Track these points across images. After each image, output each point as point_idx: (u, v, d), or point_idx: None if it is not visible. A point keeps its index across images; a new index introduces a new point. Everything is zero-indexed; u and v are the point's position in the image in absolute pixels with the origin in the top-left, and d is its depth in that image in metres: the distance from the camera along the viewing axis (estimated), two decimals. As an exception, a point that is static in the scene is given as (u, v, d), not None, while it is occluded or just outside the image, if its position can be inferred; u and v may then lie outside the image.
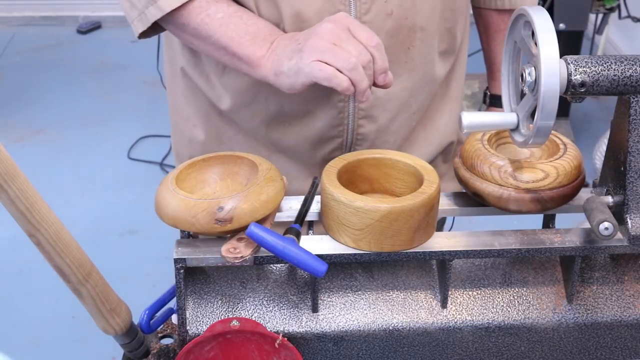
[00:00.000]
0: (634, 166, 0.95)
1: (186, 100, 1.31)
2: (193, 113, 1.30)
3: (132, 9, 1.12)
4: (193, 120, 1.30)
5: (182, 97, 1.31)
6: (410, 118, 1.25)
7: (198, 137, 1.30)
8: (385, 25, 1.13)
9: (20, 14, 4.90)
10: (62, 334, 2.47)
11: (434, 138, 1.32)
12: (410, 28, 1.15)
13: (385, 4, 1.12)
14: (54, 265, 0.92)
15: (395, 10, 1.13)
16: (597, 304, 1.02)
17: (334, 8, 1.10)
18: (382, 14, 1.12)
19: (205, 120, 1.29)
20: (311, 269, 0.90)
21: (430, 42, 1.19)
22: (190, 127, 1.31)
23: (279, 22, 1.12)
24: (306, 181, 1.23)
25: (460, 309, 1.01)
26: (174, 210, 0.94)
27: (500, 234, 0.99)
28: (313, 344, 0.99)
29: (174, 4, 1.08)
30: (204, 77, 1.24)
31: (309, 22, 1.10)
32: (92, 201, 3.15)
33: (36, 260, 1.04)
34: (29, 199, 0.86)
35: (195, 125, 1.30)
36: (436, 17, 1.18)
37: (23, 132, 3.67)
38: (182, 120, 1.33)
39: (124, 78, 4.18)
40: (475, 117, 0.96)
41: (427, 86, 1.23)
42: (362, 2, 1.11)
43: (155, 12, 1.10)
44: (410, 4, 1.14)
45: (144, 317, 1.02)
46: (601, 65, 0.90)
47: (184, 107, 1.32)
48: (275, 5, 1.11)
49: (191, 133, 1.32)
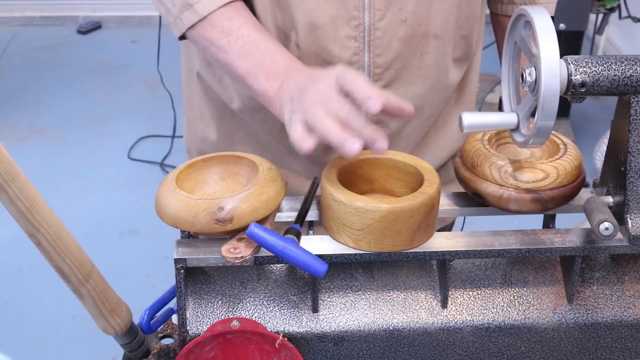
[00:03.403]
0: (634, 166, 0.95)
1: (200, 100, 1.31)
2: (207, 112, 1.30)
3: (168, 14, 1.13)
4: (206, 119, 1.31)
5: (196, 96, 1.32)
6: (423, 124, 1.25)
7: (210, 137, 1.31)
8: (399, 32, 1.13)
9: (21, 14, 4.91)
10: (62, 334, 2.47)
11: (446, 142, 1.31)
12: (424, 35, 1.15)
13: (399, 11, 1.11)
14: (54, 266, 0.92)
15: (410, 17, 1.12)
16: (597, 304, 1.02)
17: (348, 15, 1.10)
18: (396, 20, 1.12)
19: (218, 120, 1.29)
20: (311, 269, 0.90)
21: (444, 49, 1.18)
22: (203, 126, 1.32)
23: (292, 30, 1.12)
24: None
25: (460, 309, 1.01)
26: (174, 210, 0.94)
27: (500, 234, 0.99)
28: (313, 344, 0.99)
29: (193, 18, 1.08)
30: (217, 79, 1.24)
31: (323, 29, 1.10)
32: (92, 201, 3.15)
33: (36, 260, 1.04)
34: (29, 199, 0.86)
35: (208, 124, 1.31)
36: (451, 24, 1.17)
37: (23, 132, 3.67)
38: (196, 118, 1.34)
39: (124, 78, 4.19)
40: (475, 117, 0.96)
41: (441, 93, 1.23)
42: (376, 9, 1.11)
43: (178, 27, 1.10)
44: (425, 11, 1.13)
45: (144, 317, 1.02)
46: (601, 65, 0.90)
47: (198, 106, 1.32)
48: (289, 13, 1.11)
49: (204, 132, 1.32)
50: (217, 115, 1.29)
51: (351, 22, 1.11)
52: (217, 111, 1.29)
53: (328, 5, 1.10)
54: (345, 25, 1.11)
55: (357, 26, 1.11)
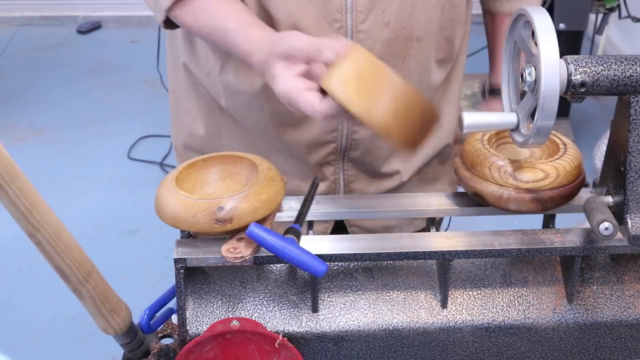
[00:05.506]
0: (634, 166, 0.95)
1: (187, 94, 1.31)
2: (194, 107, 1.30)
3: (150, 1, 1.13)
4: (193, 114, 1.30)
5: (183, 90, 1.32)
6: None
7: (198, 131, 1.30)
8: (381, 34, 1.13)
9: (20, 14, 4.90)
10: (62, 334, 2.47)
11: (431, 141, 1.31)
12: (407, 38, 1.15)
13: (382, 13, 1.12)
14: (54, 266, 0.92)
15: (393, 20, 1.12)
16: (597, 304, 1.02)
17: (330, 17, 1.11)
18: (379, 23, 1.12)
19: (206, 114, 1.29)
20: (311, 269, 0.90)
21: (427, 51, 1.19)
22: (190, 121, 1.32)
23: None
24: (303, 181, 1.23)
25: (460, 309, 1.01)
26: (174, 210, 0.94)
27: (500, 234, 0.99)
28: (313, 344, 0.99)
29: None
30: (205, 73, 1.24)
31: (305, 31, 1.10)
32: (92, 201, 3.15)
33: (36, 260, 1.04)
34: (29, 199, 0.86)
35: (195, 119, 1.30)
36: (434, 26, 1.17)
37: (23, 132, 3.67)
38: (182, 113, 1.33)
39: (124, 78, 4.18)
40: (475, 117, 0.96)
41: (424, 93, 1.23)
42: (358, 11, 1.11)
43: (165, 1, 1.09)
44: (408, 14, 1.13)
45: (144, 317, 1.02)
46: (601, 65, 0.90)
47: (185, 100, 1.32)
48: (272, 15, 1.11)
49: (191, 127, 1.32)
50: (205, 110, 1.28)
51: (334, 25, 1.11)
52: (204, 105, 1.28)
53: (310, 7, 1.10)
54: (327, 27, 1.11)
55: (340, 29, 1.12)
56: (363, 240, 0.98)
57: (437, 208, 1.05)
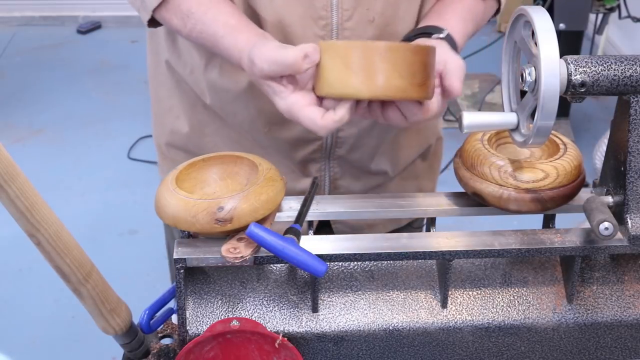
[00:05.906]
0: (634, 166, 0.95)
1: (170, 92, 1.30)
2: (177, 104, 1.30)
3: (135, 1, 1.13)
4: (176, 111, 1.30)
5: (165, 88, 1.31)
6: None
7: (181, 129, 1.30)
8: (366, 32, 1.13)
9: (20, 14, 4.91)
10: (62, 334, 2.47)
11: (415, 141, 1.32)
12: (391, 35, 1.15)
13: (367, 11, 1.12)
14: (54, 265, 0.92)
15: (377, 17, 1.13)
16: (597, 304, 1.02)
17: (316, 14, 1.11)
18: (364, 21, 1.13)
19: (189, 112, 1.28)
20: (311, 269, 0.90)
21: None
22: (173, 118, 1.31)
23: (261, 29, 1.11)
24: (289, 177, 1.23)
25: (460, 309, 1.01)
26: (174, 210, 0.94)
27: (500, 234, 0.99)
28: (313, 344, 0.99)
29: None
30: (189, 70, 1.24)
31: (290, 28, 1.10)
32: (92, 201, 3.15)
33: (36, 260, 1.04)
34: (29, 199, 0.86)
35: (178, 116, 1.30)
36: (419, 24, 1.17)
37: (23, 132, 3.67)
38: (164, 111, 1.33)
39: (124, 78, 4.18)
40: (475, 117, 0.96)
41: None
42: (344, 9, 1.11)
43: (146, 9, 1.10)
44: (393, 11, 1.14)
45: (144, 317, 1.02)
46: (601, 65, 0.90)
47: (167, 98, 1.31)
48: (258, 12, 1.11)
49: (173, 124, 1.31)
50: (188, 107, 1.28)
51: (319, 22, 1.12)
52: (188, 103, 1.28)
53: (296, 5, 1.10)
54: (313, 24, 1.12)
55: (325, 26, 1.12)
56: (363, 240, 0.98)
57: (437, 208, 1.05)
